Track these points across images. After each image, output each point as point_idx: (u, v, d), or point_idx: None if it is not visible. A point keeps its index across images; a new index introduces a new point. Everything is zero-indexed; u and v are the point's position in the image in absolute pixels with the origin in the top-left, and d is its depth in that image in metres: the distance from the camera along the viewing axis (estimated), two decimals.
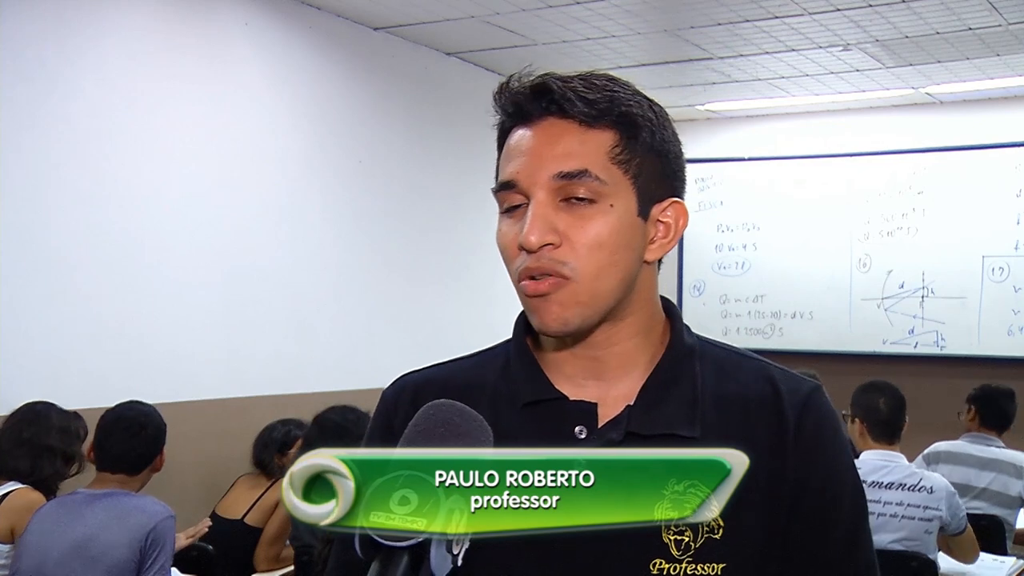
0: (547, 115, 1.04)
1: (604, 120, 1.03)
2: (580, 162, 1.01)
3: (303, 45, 4.95)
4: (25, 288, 3.77)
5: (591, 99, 1.02)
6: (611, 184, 1.02)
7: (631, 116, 1.04)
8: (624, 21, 5.07)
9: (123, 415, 2.91)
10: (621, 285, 1.05)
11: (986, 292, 6.27)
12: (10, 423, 3.24)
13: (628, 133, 1.04)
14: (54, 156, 3.89)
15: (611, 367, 1.09)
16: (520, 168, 1.03)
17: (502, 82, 1.08)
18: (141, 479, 2.88)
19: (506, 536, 1.03)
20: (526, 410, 1.08)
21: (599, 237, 1.02)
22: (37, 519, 2.75)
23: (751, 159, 6.99)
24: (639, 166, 1.04)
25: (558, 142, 1.03)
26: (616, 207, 1.03)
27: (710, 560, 1.01)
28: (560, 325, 1.04)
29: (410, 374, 1.18)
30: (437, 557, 0.77)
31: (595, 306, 1.03)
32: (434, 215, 5.68)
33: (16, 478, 3.13)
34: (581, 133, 1.03)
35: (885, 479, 3.45)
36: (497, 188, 1.06)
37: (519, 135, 1.05)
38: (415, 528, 0.76)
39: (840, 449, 1.10)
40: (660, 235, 1.08)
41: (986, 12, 4.85)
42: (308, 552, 3.27)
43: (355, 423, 3.56)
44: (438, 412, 0.87)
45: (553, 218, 1.01)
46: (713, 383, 1.09)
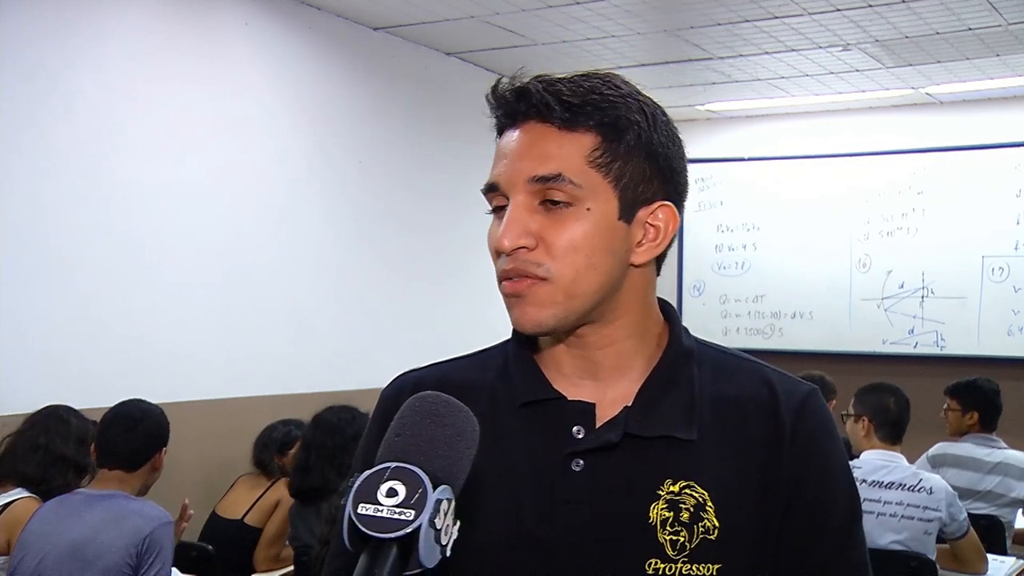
0: (529, 118, 1.04)
1: (584, 123, 1.03)
2: (555, 165, 1.02)
3: (303, 45, 4.96)
4: (25, 288, 3.77)
5: (571, 102, 1.02)
6: (587, 188, 1.02)
7: (614, 119, 1.03)
8: (624, 21, 5.07)
9: (121, 411, 2.89)
10: (601, 288, 1.04)
11: (986, 292, 6.26)
12: (27, 426, 3.20)
13: (610, 136, 1.03)
14: (54, 156, 3.89)
15: (606, 367, 1.09)
16: (502, 171, 1.05)
17: (494, 83, 1.08)
18: (140, 477, 2.83)
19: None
20: (524, 409, 1.09)
21: (573, 240, 1.02)
22: (37, 519, 2.73)
23: (751, 159, 6.99)
24: (621, 169, 1.04)
25: (536, 145, 1.03)
26: (593, 211, 1.03)
27: (705, 560, 1.02)
28: (534, 325, 1.04)
29: (408, 373, 1.18)
30: (425, 548, 0.77)
31: (570, 307, 1.03)
32: (434, 215, 5.68)
33: (24, 484, 3.08)
34: (560, 137, 1.03)
35: (886, 479, 3.45)
36: (484, 190, 1.08)
37: (506, 137, 1.07)
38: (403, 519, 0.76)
39: (835, 451, 1.11)
40: (648, 238, 1.07)
41: (986, 12, 4.85)
42: (308, 552, 3.27)
43: (352, 423, 3.57)
44: (424, 404, 0.87)
45: (528, 221, 1.02)
46: (711, 385, 1.09)
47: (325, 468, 3.49)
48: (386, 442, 0.85)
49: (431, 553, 0.77)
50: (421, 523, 0.76)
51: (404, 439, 0.84)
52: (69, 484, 3.08)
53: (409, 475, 0.79)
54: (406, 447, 0.83)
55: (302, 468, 3.56)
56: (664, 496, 1.03)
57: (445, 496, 0.79)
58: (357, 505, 0.78)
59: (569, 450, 1.05)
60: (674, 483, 1.04)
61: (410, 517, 0.76)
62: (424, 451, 0.82)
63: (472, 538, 1.01)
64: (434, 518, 0.77)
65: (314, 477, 3.49)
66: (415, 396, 0.89)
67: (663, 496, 1.03)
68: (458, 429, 0.85)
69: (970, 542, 3.50)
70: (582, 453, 1.05)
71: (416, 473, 0.79)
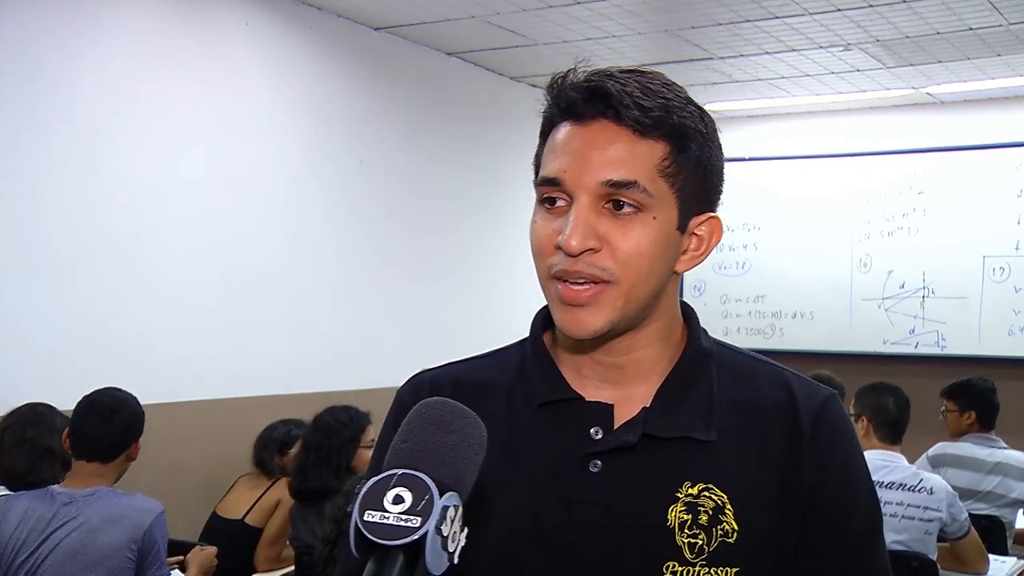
0: (601, 117, 1.02)
1: (657, 131, 1.01)
2: (630, 172, 1.00)
3: (303, 45, 4.95)
4: (25, 288, 3.77)
5: (646, 106, 1.01)
6: (656, 197, 1.01)
7: (683, 128, 1.02)
8: (625, 21, 5.06)
9: (96, 400, 2.81)
10: (652, 294, 1.04)
11: (987, 292, 6.26)
12: (11, 421, 3.17)
13: (679, 146, 1.02)
14: (54, 156, 3.88)
15: (628, 372, 1.08)
16: (567, 167, 1.02)
17: (556, 75, 1.06)
18: (116, 468, 2.78)
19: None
20: (542, 410, 1.08)
21: (640, 247, 1.01)
22: (12, 514, 2.61)
23: (752, 159, 6.98)
24: (684, 180, 1.03)
25: (609, 148, 1.01)
26: (659, 219, 1.02)
27: (723, 564, 1.01)
28: (590, 331, 1.03)
29: (426, 372, 1.18)
30: (432, 555, 0.76)
31: (627, 313, 1.03)
32: (434, 215, 5.67)
33: (9, 480, 3.03)
34: (633, 142, 1.01)
35: (886, 479, 3.45)
36: (540, 182, 1.05)
37: (569, 131, 1.03)
38: (409, 526, 0.76)
39: (855, 456, 1.10)
40: (692, 248, 1.08)
41: (987, 12, 4.84)
42: (308, 552, 3.27)
43: (349, 424, 3.58)
44: (430, 410, 0.87)
45: (595, 223, 1.00)
46: (729, 387, 1.09)
47: (323, 470, 3.50)
48: (392, 449, 0.84)
49: (438, 560, 0.77)
50: (427, 530, 0.75)
51: (410, 445, 0.83)
52: (56, 477, 3.02)
53: (416, 482, 0.78)
54: (412, 454, 0.82)
55: (301, 470, 3.57)
56: (683, 498, 1.03)
57: (452, 503, 0.78)
58: (364, 512, 0.77)
59: (587, 451, 1.04)
60: (693, 485, 1.03)
61: (416, 524, 0.76)
62: (431, 458, 0.82)
63: (488, 537, 1.00)
64: (440, 525, 0.76)
65: (312, 479, 3.51)
66: (422, 403, 0.88)
67: (681, 498, 1.03)
68: (465, 435, 0.85)
69: (971, 542, 3.50)
70: (600, 454, 1.04)
71: (423, 480, 0.78)
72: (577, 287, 1.01)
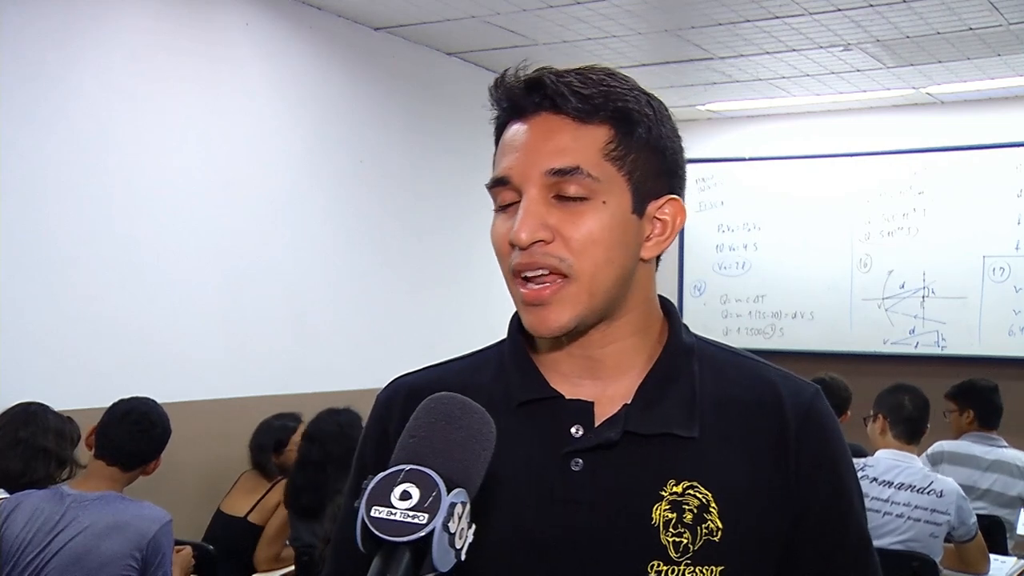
0: (541, 110, 1.02)
1: (598, 116, 1.01)
2: (573, 158, 1.00)
3: (303, 45, 4.95)
4: (25, 288, 3.76)
5: (585, 94, 1.01)
6: (604, 181, 1.01)
7: (627, 111, 1.02)
8: (625, 21, 5.06)
9: (136, 408, 2.82)
10: (618, 283, 1.03)
11: (987, 292, 6.26)
12: (3, 422, 3.13)
13: (623, 129, 1.02)
14: (54, 156, 3.88)
15: (607, 366, 1.07)
16: (513, 164, 1.02)
17: (498, 76, 1.06)
18: (132, 478, 2.79)
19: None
20: (521, 409, 1.07)
21: (592, 234, 1.00)
22: (21, 513, 2.61)
23: (752, 159, 6.98)
24: (634, 162, 1.03)
25: (551, 138, 1.01)
26: (609, 204, 1.01)
27: (708, 563, 1.00)
28: (557, 329, 1.03)
29: (404, 377, 1.17)
30: (439, 552, 0.76)
31: (592, 306, 1.02)
32: (434, 215, 5.67)
33: (5, 481, 2.99)
34: (575, 129, 1.01)
35: (896, 479, 3.45)
36: (490, 184, 1.05)
37: (513, 130, 1.04)
38: (416, 523, 0.76)
39: (844, 453, 1.10)
40: (657, 232, 1.07)
41: (987, 12, 4.84)
42: (308, 552, 3.27)
43: (348, 425, 3.57)
44: (439, 405, 0.86)
45: (545, 214, 1.00)
46: (712, 383, 1.08)
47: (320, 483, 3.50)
48: (400, 444, 0.84)
49: (445, 557, 0.76)
50: (434, 527, 0.75)
51: (418, 441, 0.83)
52: (52, 476, 3.01)
53: (423, 478, 0.78)
54: (420, 449, 0.82)
55: (296, 489, 3.58)
56: (667, 497, 1.02)
57: (460, 499, 0.78)
58: (370, 508, 0.77)
59: (567, 449, 1.03)
60: (677, 483, 1.02)
61: (423, 520, 0.75)
62: (439, 453, 0.81)
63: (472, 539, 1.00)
64: (448, 522, 0.76)
65: (307, 496, 3.53)
66: (430, 397, 0.87)
67: (666, 497, 1.02)
68: (473, 431, 0.84)
69: (977, 546, 3.50)
70: (581, 452, 1.03)
71: (430, 476, 0.78)
72: (538, 286, 1.01)
